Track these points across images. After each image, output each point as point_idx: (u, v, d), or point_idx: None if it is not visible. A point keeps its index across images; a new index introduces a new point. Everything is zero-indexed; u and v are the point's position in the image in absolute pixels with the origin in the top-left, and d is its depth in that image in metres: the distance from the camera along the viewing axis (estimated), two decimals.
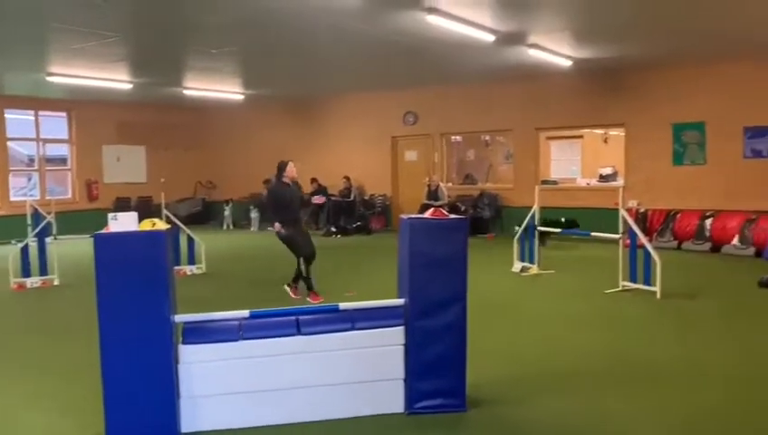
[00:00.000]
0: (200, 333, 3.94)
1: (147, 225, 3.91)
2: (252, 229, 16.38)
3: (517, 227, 9.69)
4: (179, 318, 3.97)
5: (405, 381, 4.16)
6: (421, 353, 4.12)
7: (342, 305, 4.22)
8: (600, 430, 3.85)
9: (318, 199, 9.24)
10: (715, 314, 6.75)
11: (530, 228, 9.19)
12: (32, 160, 16.94)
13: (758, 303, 6.84)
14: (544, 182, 13.44)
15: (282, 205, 7.62)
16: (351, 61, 11.18)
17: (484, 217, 13.92)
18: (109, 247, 3.71)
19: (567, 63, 11.23)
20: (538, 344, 5.71)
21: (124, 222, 3.84)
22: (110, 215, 3.89)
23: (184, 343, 3.88)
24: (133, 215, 3.90)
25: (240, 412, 3.95)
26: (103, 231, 3.80)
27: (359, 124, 16.14)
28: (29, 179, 17.33)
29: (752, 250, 10.27)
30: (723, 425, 3.92)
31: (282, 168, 7.77)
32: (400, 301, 4.25)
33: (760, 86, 11.20)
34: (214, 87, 14.18)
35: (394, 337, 4.14)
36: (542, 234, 9.69)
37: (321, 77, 13.16)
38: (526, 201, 10.53)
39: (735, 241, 10.58)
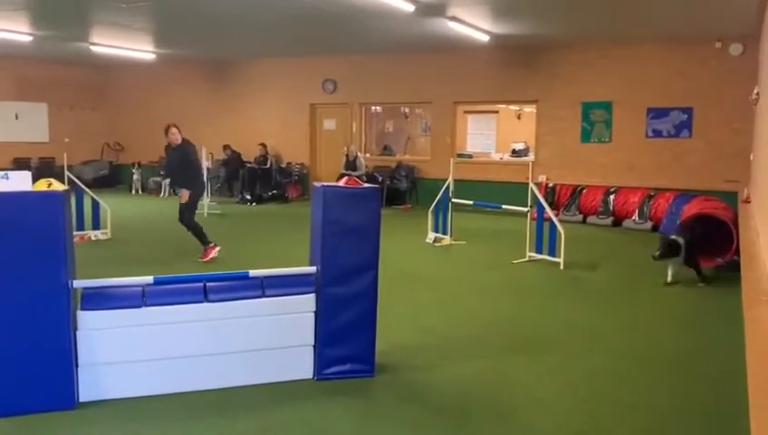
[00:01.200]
0: (101, 300, 3.78)
1: (42, 185, 3.69)
2: (161, 196, 15.82)
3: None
4: (78, 283, 3.79)
5: (314, 347, 4.17)
6: (331, 321, 4.14)
7: (253, 272, 4.17)
8: (499, 393, 4.02)
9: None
10: (612, 284, 7.15)
11: (443, 200, 9.36)
12: None
13: (650, 276, 7.30)
14: (460, 156, 13.70)
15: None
16: (269, 24, 10.88)
17: (401, 189, 14.06)
18: None
19: (485, 38, 11.40)
20: (446, 313, 5.86)
21: (16, 181, 3.61)
22: (1, 173, 3.65)
23: (82, 308, 3.72)
24: (26, 174, 3.66)
25: (143, 381, 3.85)
26: None
27: (277, 90, 15.81)
28: None
29: (649, 225, 10.90)
30: (601, 388, 4.19)
31: (165, 131, 8.15)
32: (312, 268, 4.24)
33: (663, 69, 11.80)
34: (123, 44, 13.44)
35: (305, 304, 4.14)
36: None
37: (238, 39, 12.76)
38: (442, 174, 10.70)
39: (635, 216, 11.20)
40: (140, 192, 16.28)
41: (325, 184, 4.37)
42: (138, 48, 13.99)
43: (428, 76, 14.03)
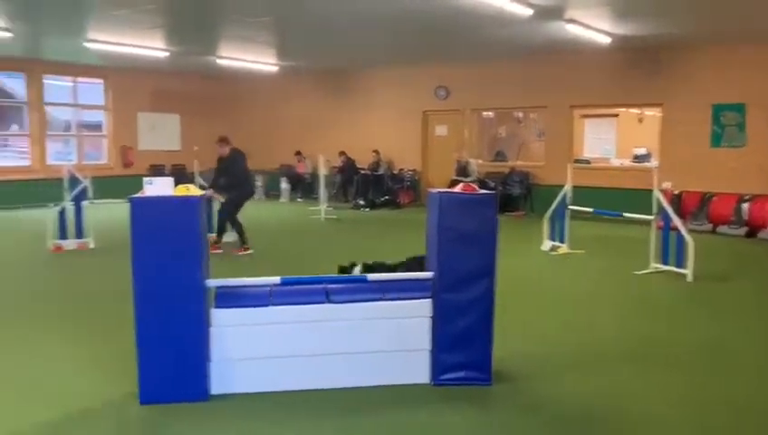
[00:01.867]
0: (232, 298, 4.02)
1: (181, 190, 3.97)
2: (282, 200, 16.51)
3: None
4: (212, 283, 4.05)
5: (431, 352, 4.20)
6: (448, 326, 4.15)
7: (371, 276, 4.26)
8: (622, 411, 3.85)
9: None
10: (748, 299, 6.65)
11: (560, 208, 9.10)
12: (69, 126, 17.26)
13: None
14: (577, 161, 13.27)
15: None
16: (384, 33, 11.09)
17: (514, 195, 13.83)
18: (144, 211, 3.79)
19: (605, 40, 11.00)
20: (564, 323, 5.70)
21: (160, 187, 3.91)
22: (146, 179, 3.97)
23: (216, 307, 3.97)
24: (169, 180, 3.96)
25: (268, 377, 4.04)
26: (139, 195, 3.87)
27: (390, 98, 16.07)
28: (66, 144, 17.70)
29: None
30: (741, 413, 3.89)
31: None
32: (429, 274, 4.27)
33: None
34: (248, 57, 14.22)
35: (422, 309, 4.18)
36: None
37: (354, 49, 13.11)
38: (557, 180, 10.41)
39: None
40: (263, 197, 17.07)
41: (441, 190, 4.39)
42: (261, 61, 14.73)
43: (543, 80, 13.72)
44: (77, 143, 16.42)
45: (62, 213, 9.08)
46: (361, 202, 14.94)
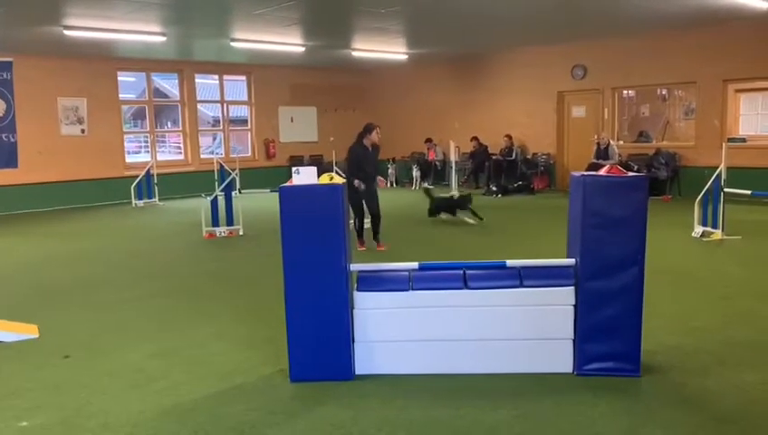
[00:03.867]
0: (374, 282, 4.14)
1: (325, 179, 4.15)
2: (413, 188, 16.70)
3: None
4: (354, 267, 4.19)
5: (573, 341, 4.08)
6: (592, 315, 4.01)
7: (510, 262, 4.21)
8: None
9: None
10: None
11: (714, 190, 8.44)
12: (216, 121, 18.53)
13: None
14: (731, 140, 12.21)
15: (358, 165, 8.11)
16: (517, 14, 10.81)
17: (660, 178, 13.00)
18: (293, 199, 3.99)
19: (763, 6, 10.00)
20: (721, 314, 5.30)
21: (306, 176, 4.10)
22: (294, 169, 4.17)
23: (359, 290, 4.11)
24: (313, 169, 4.15)
25: (410, 360, 4.13)
26: (287, 184, 4.09)
27: (523, 80, 15.67)
28: (214, 139, 19.03)
29: None
30: None
31: (368, 129, 8.26)
32: (571, 261, 4.15)
33: None
34: (379, 47, 14.46)
35: (563, 297, 4.06)
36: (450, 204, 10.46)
37: (485, 33, 12.90)
38: (708, 161, 9.67)
39: None
40: (394, 185, 17.36)
41: (585, 173, 4.23)
42: (391, 50, 14.92)
43: (691, 54, 12.75)
44: (224, 137, 17.58)
45: (213, 202, 9.79)
46: (494, 188, 14.74)
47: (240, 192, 10.19)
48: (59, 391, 4.07)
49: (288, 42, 13.10)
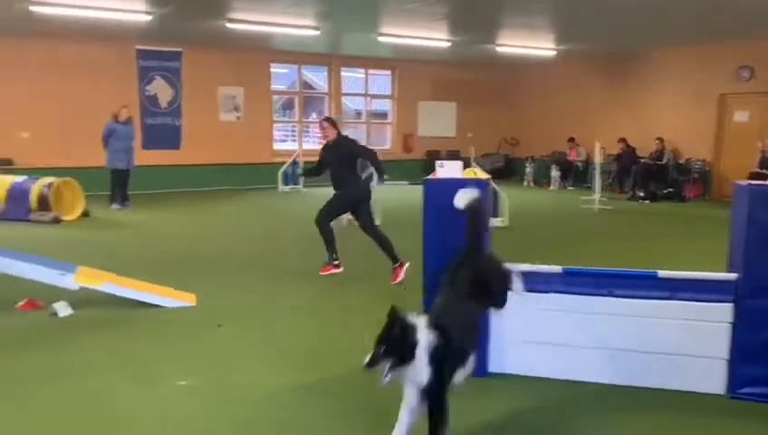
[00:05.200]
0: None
1: (469, 173, 4.15)
2: (551, 188, 16.22)
3: None
4: None
5: (728, 361, 3.79)
6: (753, 335, 3.69)
7: (662, 273, 3.98)
8: None
9: None
10: None
11: None
12: (358, 114, 19.07)
13: None
14: None
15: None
16: (679, 8, 10.12)
17: None
18: (437, 192, 4.02)
19: None
20: None
21: (450, 169, 4.12)
22: (438, 162, 4.21)
23: None
24: (458, 163, 4.16)
25: (544, 362, 4.03)
26: (431, 177, 4.13)
27: (679, 81, 14.66)
28: (354, 131, 19.59)
29: None
30: None
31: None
32: (731, 275, 3.84)
33: None
34: (526, 43, 14.17)
35: (720, 314, 3.78)
36: None
37: (641, 29, 12.22)
38: None
39: None
40: (532, 184, 16.97)
41: (752, 182, 3.91)
42: (538, 46, 14.56)
43: None
44: (366, 130, 18.05)
45: None
46: (641, 193, 13.96)
47: (379, 184, 10.41)
48: (213, 356, 4.42)
49: (434, 37, 13.19)
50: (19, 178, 10.59)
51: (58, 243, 8.19)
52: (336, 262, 6.76)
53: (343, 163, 6.73)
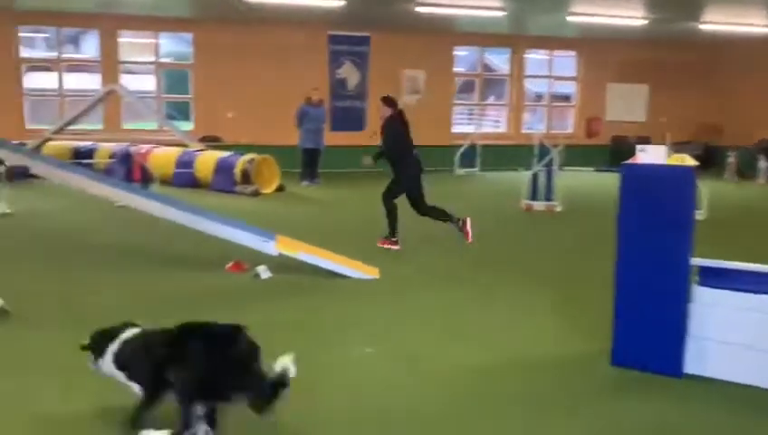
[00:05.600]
0: (718, 278, 3.76)
1: (675, 160, 3.87)
2: (759, 180, 14.59)
3: None
4: (696, 261, 3.85)
5: None
6: None
7: None
8: None
9: None
10: None
11: None
12: (538, 97, 18.53)
13: None
14: None
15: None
16: None
17: None
18: (636, 178, 3.81)
19: None
20: None
21: (653, 154, 3.87)
22: (639, 147, 3.97)
23: (700, 284, 3.77)
24: (662, 148, 3.90)
25: (748, 368, 3.67)
26: (630, 161, 3.91)
27: None
28: (534, 114, 19.07)
29: None
30: None
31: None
32: None
33: None
34: (735, 20, 12.80)
35: None
36: None
37: None
38: None
39: None
40: (735, 177, 15.38)
41: None
42: (750, 23, 13.08)
43: None
44: (546, 113, 17.51)
45: (534, 177, 9.91)
46: None
47: (561, 169, 10.10)
48: (392, 326, 4.62)
49: (629, 15, 12.40)
50: (225, 154, 11.74)
51: (257, 213, 8.97)
52: (394, 238, 6.99)
53: (385, 143, 6.98)
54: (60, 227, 8.16)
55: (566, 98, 18.10)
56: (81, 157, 12.20)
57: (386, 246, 7.00)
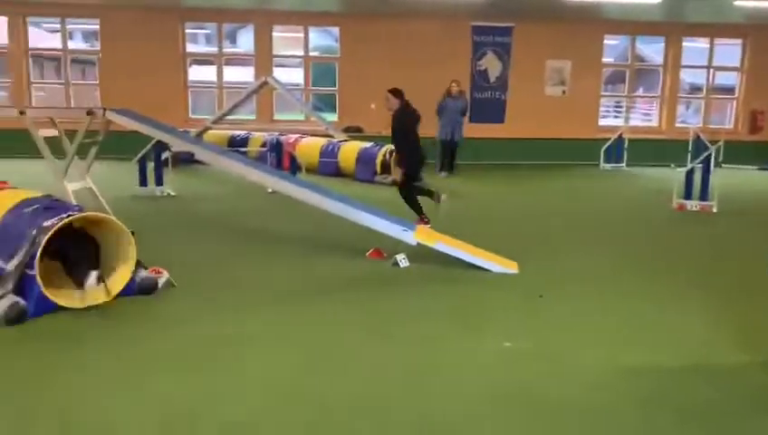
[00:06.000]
0: None
1: None
2: None
3: None
4: None
5: None
6: None
7: None
8: None
9: None
10: None
11: None
12: (694, 89, 17.22)
13: None
14: None
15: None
16: None
17: None
18: None
19: None
20: None
21: None
22: None
23: None
24: None
25: None
26: None
27: None
28: (687, 107, 17.77)
29: None
30: None
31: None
32: None
33: None
34: None
35: None
36: None
37: None
38: None
39: None
40: None
41: None
42: None
43: None
44: (703, 106, 16.26)
45: (689, 174, 9.26)
46: None
47: (721, 166, 9.35)
48: (532, 323, 4.54)
49: None
50: (367, 145, 12.09)
51: (396, 203, 9.17)
52: (424, 217, 7.56)
53: (393, 133, 7.56)
54: (217, 209, 8.84)
55: (726, 90, 16.68)
56: (236, 145, 13.10)
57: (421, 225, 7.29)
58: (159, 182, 9.73)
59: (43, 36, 17.79)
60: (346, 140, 12.79)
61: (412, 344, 4.08)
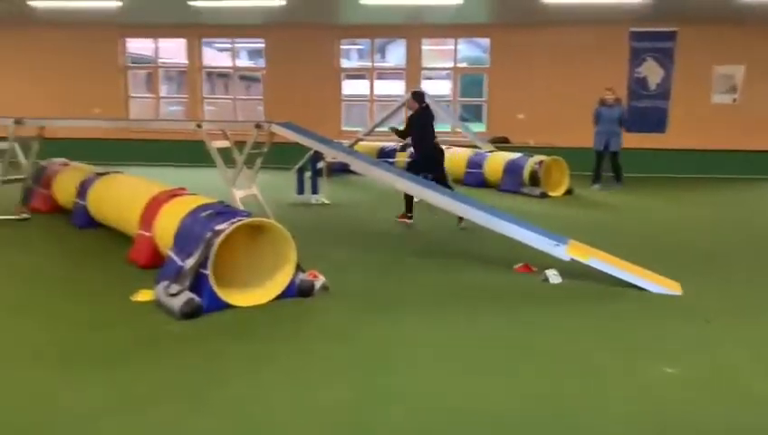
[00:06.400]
0: None
1: None
2: None
3: None
4: None
5: None
6: None
7: None
8: None
9: None
10: None
11: None
12: None
13: None
14: None
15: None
16: None
17: None
18: None
19: None
20: None
21: None
22: None
23: None
24: None
25: None
26: None
27: None
28: None
29: None
30: None
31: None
32: None
33: None
34: None
35: None
36: None
37: None
38: None
39: None
40: None
41: None
42: None
43: None
44: None
45: None
46: None
47: None
48: (697, 348, 4.22)
49: None
50: (514, 156, 11.90)
51: (545, 216, 8.94)
52: (409, 214, 8.22)
53: (410, 130, 8.45)
54: (367, 217, 9.14)
55: None
56: (384, 156, 13.44)
57: (401, 220, 8.32)
58: (315, 190, 10.24)
59: (212, 55, 19.46)
60: (492, 151, 12.69)
61: (560, 360, 3.96)
